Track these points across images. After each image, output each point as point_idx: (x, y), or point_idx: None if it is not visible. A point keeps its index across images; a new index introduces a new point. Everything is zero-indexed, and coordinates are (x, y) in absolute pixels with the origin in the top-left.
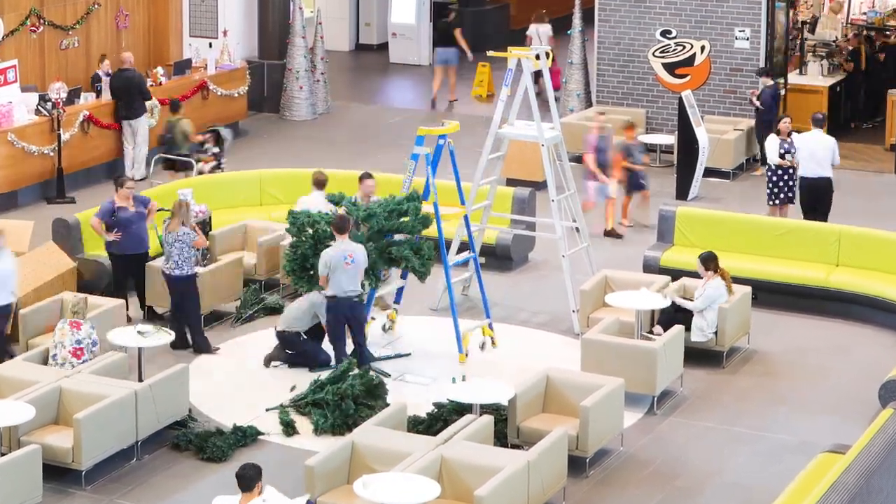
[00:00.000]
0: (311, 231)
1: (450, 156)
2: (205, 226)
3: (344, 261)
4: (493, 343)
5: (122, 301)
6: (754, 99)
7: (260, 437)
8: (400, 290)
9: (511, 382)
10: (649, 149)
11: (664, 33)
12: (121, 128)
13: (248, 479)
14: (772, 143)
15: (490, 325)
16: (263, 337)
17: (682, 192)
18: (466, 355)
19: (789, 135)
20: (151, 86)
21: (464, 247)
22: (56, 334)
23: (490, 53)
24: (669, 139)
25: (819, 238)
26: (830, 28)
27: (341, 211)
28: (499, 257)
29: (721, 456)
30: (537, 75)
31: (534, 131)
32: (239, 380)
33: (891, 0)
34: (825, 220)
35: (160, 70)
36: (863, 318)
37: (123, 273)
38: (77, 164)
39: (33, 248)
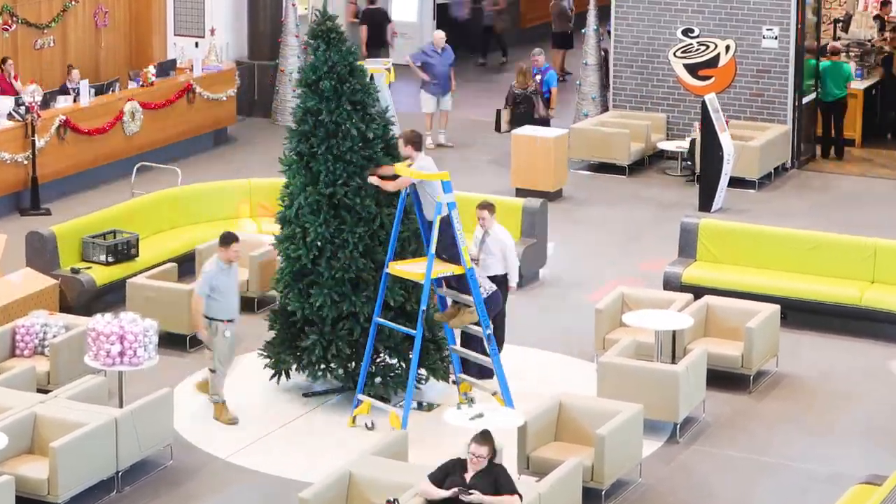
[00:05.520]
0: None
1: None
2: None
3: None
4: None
5: None
6: None
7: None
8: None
9: (521, 408)
10: (669, 156)
11: (686, 32)
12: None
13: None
14: None
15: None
16: (256, 361)
17: (705, 204)
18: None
19: None
20: (142, 85)
21: None
22: None
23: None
24: (684, 144)
25: (853, 252)
26: (865, 27)
27: None
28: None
29: (747, 487)
30: None
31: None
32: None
33: None
34: None
35: (152, 69)
36: None
37: None
38: (53, 173)
39: (6, 267)
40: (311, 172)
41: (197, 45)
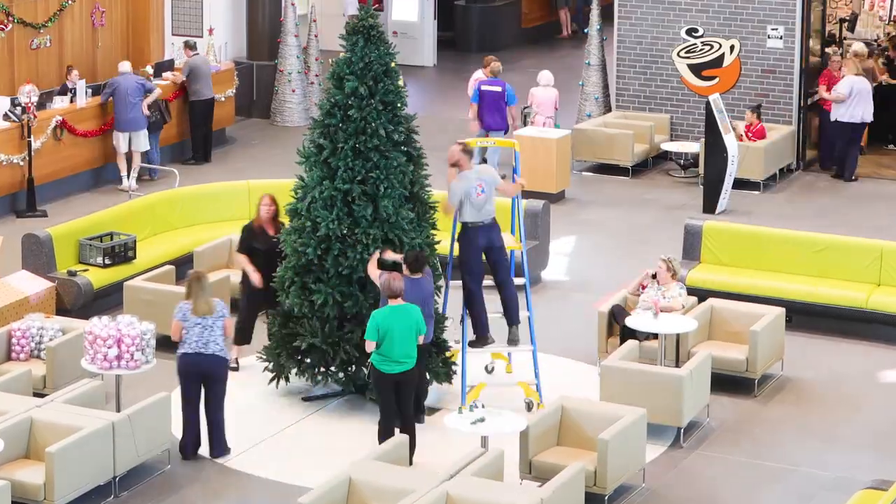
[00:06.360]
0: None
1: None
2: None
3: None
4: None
5: None
6: None
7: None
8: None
9: (523, 412)
10: (672, 158)
11: (690, 32)
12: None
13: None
14: None
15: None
16: (255, 365)
17: (709, 205)
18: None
19: None
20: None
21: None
22: None
23: None
24: (695, 147)
25: (859, 255)
26: (871, 26)
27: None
28: None
29: (752, 493)
30: None
31: None
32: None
33: None
34: None
35: (149, 69)
36: None
37: None
38: (49, 175)
39: (2, 270)
40: (328, 167)
41: (195, 44)
